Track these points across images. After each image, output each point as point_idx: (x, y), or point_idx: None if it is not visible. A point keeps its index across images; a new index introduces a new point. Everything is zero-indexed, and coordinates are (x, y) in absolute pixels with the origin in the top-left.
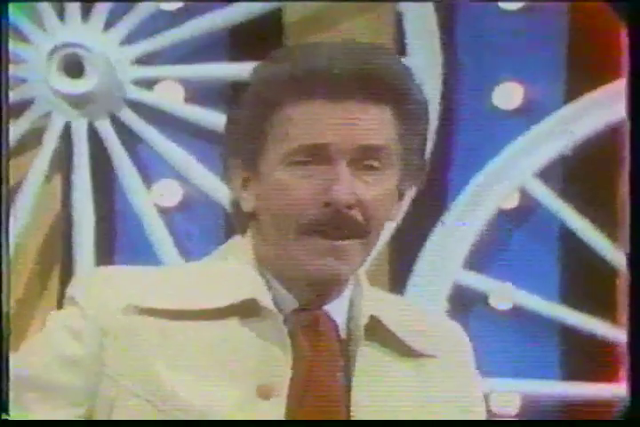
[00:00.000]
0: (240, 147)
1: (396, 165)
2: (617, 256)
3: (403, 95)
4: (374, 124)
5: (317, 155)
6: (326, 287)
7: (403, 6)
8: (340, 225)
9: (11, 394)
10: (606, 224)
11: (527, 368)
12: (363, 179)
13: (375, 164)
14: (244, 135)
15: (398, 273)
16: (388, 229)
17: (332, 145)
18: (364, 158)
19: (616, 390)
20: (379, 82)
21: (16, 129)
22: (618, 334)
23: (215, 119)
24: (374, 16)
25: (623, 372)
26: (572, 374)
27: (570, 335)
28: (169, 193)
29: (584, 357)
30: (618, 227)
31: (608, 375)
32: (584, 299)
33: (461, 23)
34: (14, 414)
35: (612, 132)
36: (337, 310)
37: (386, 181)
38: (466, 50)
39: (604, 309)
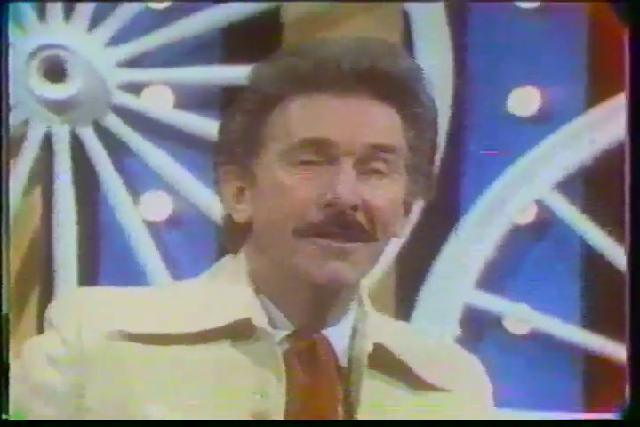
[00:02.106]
0: (235, 152)
1: (402, 171)
2: None
3: (412, 97)
4: (383, 122)
5: (320, 152)
6: (326, 305)
7: (410, 3)
8: (344, 227)
9: None
10: None
11: (546, 399)
12: (368, 182)
13: (382, 167)
14: (239, 139)
15: (405, 294)
16: (394, 245)
17: (337, 142)
18: (372, 160)
19: None
20: (388, 81)
21: None
22: None
23: (207, 126)
24: (379, 14)
25: None
26: (595, 405)
27: (593, 363)
28: (157, 206)
29: (609, 386)
30: None
31: None
32: (608, 322)
33: (473, 22)
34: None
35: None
36: (337, 335)
37: (392, 187)
38: (478, 51)
39: None
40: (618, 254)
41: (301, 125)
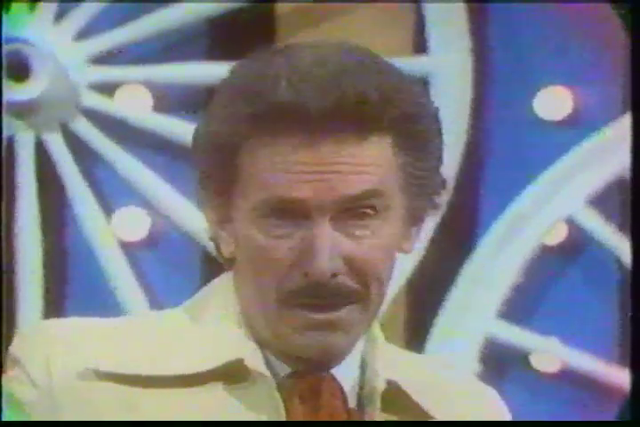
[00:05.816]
0: (210, 178)
1: (397, 204)
2: None
3: (404, 121)
4: (363, 162)
5: (291, 209)
6: (322, 360)
7: None
8: (327, 295)
9: None
10: None
11: None
12: (351, 233)
13: (368, 211)
14: (211, 164)
15: (417, 324)
16: (405, 269)
17: (309, 200)
18: (353, 208)
19: None
20: (366, 112)
21: None
22: None
23: (190, 132)
24: (388, 5)
25: None
26: None
27: (634, 405)
28: (133, 224)
29: None
30: None
31: None
32: None
33: (495, 15)
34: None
35: None
36: (345, 372)
37: (384, 226)
38: (500, 46)
39: None
40: None
41: (267, 179)
